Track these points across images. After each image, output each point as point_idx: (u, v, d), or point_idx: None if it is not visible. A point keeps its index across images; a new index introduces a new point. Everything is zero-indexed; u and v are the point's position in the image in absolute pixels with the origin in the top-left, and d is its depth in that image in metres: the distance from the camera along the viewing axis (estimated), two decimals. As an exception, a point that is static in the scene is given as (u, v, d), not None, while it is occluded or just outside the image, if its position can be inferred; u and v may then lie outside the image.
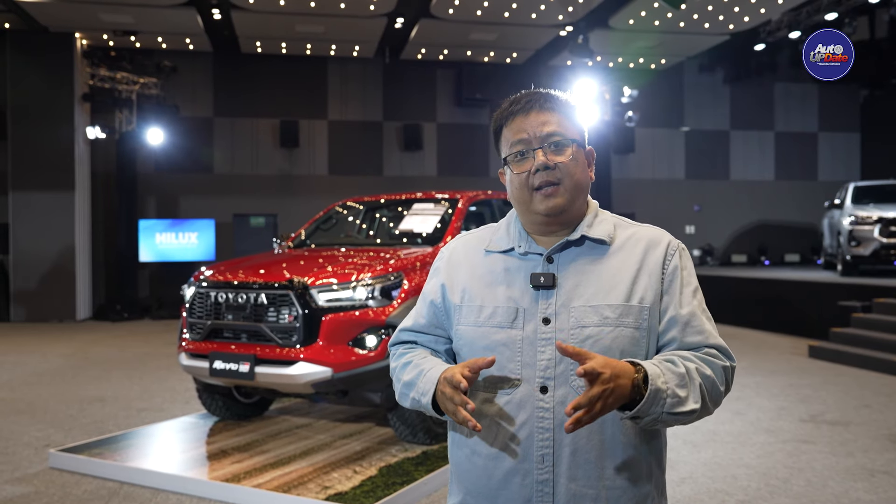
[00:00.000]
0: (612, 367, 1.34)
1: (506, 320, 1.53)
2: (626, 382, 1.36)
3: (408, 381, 1.60)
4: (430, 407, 1.53)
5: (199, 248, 15.22)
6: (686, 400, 1.40)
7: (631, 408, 1.38)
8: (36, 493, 4.32)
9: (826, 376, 7.83)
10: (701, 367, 1.47)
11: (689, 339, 1.51)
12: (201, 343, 5.06)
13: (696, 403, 1.42)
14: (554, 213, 1.54)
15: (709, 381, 1.46)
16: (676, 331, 1.51)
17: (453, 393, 1.43)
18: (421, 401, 1.54)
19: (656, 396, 1.37)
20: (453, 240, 1.75)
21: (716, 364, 1.49)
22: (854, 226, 11.31)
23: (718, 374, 1.49)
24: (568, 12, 13.39)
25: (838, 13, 12.01)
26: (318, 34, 14.71)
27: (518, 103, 1.59)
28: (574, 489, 1.47)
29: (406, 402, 1.61)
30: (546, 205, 1.53)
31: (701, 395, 1.43)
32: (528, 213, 1.58)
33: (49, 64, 13.91)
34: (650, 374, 1.38)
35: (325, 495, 4.01)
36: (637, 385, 1.37)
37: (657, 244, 1.57)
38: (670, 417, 1.40)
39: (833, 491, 4.31)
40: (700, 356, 1.49)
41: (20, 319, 13.82)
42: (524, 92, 1.62)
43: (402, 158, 16.84)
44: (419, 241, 5.80)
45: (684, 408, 1.40)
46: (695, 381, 1.43)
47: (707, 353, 1.50)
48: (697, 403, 1.42)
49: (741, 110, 18.30)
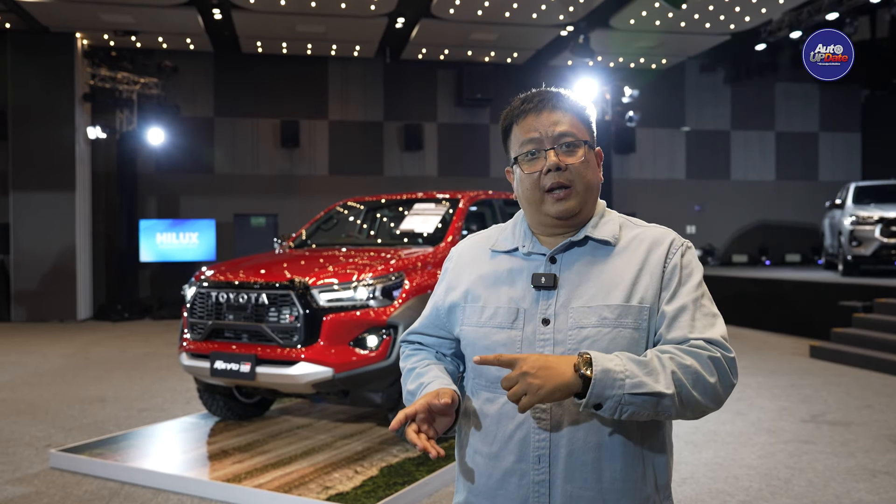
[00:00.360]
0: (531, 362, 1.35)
1: (506, 321, 1.53)
2: (564, 370, 1.34)
3: (410, 390, 1.62)
4: None
5: (199, 248, 15.22)
6: (649, 383, 1.34)
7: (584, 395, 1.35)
8: (37, 493, 4.32)
9: (827, 376, 7.83)
10: (677, 356, 1.40)
11: (672, 335, 1.45)
12: (202, 343, 5.06)
13: (668, 389, 1.35)
14: (566, 216, 1.53)
15: (689, 371, 1.38)
16: (663, 327, 1.47)
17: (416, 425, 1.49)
18: None
19: (606, 377, 1.33)
20: (463, 240, 1.74)
21: (699, 354, 1.41)
22: (855, 226, 11.31)
23: (704, 363, 1.40)
24: (569, 12, 13.38)
25: (839, 13, 11.99)
26: (318, 34, 14.71)
27: (530, 101, 1.57)
28: (570, 490, 1.47)
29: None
30: (558, 208, 1.53)
31: (674, 382, 1.36)
32: (537, 213, 1.57)
33: (50, 64, 13.91)
34: (594, 358, 1.35)
35: (327, 495, 4.01)
36: (578, 368, 1.34)
37: (660, 243, 1.55)
38: (638, 400, 1.34)
39: (834, 491, 4.30)
40: (680, 348, 1.42)
41: (21, 319, 13.82)
42: (535, 90, 1.60)
43: (403, 158, 16.84)
44: (420, 241, 5.80)
45: (649, 389, 1.34)
46: (665, 368, 1.37)
47: (691, 345, 1.43)
48: (669, 389, 1.35)
49: (742, 110, 18.30)
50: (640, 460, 1.50)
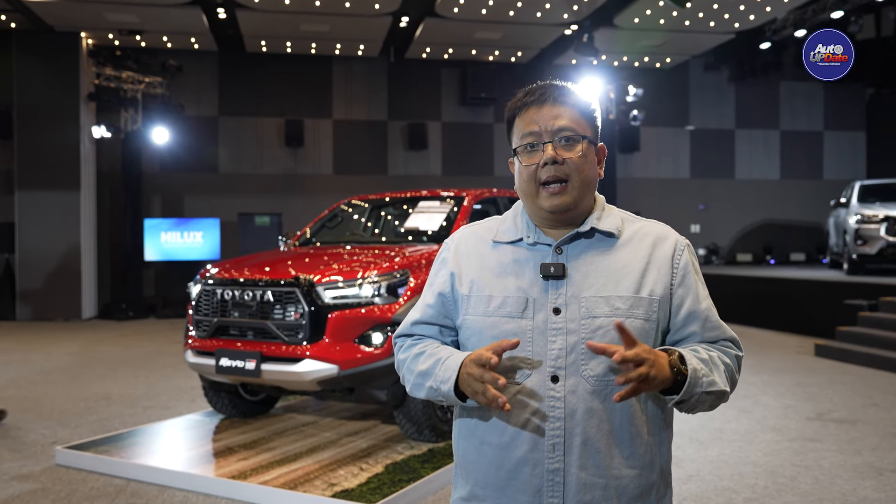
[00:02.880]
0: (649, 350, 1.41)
1: (516, 310, 1.54)
2: (664, 363, 1.42)
3: (423, 370, 1.58)
4: (452, 393, 1.51)
5: (204, 247, 15.24)
6: (718, 382, 1.48)
7: (676, 391, 1.44)
8: (43, 489, 4.33)
9: (832, 375, 7.81)
10: (721, 355, 1.55)
11: (709, 334, 1.57)
12: (207, 340, 5.06)
13: (725, 385, 1.50)
14: (559, 210, 1.54)
15: (729, 368, 1.55)
16: (697, 325, 1.56)
17: (482, 372, 1.43)
18: (441, 388, 1.53)
19: (696, 375, 1.44)
20: (458, 231, 1.74)
21: (731, 353, 1.58)
22: (860, 224, 11.28)
23: (734, 362, 1.58)
24: (573, 11, 13.37)
25: (844, 11, 11.96)
26: (323, 33, 14.72)
27: (533, 94, 1.58)
28: (584, 478, 1.48)
29: (421, 392, 1.60)
30: (552, 202, 1.54)
31: (726, 378, 1.52)
32: (533, 206, 1.58)
33: (55, 63, 13.93)
34: (685, 356, 1.46)
35: (332, 492, 4.01)
36: (674, 365, 1.43)
37: (665, 239, 1.59)
38: (707, 398, 1.47)
39: (840, 489, 4.29)
40: (718, 347, 1.58)
41: (26, 318, 13.86)
42: (540, 83, 1.61)
43: (407, 157, 16.84)
44: (425, 238, 5.80)
45: (717, 387, 1.47)
46: (719, 367, 1.51)
47: (724, 344, 1.59)
48: (726, 386, 1.50)
49: (746, 109, 18.26)
50: (647, 447, 1.53)
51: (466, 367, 1.47)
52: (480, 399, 1.44)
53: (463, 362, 1.49)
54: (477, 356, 1.44)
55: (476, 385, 1.44)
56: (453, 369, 1.51)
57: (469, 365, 1.46)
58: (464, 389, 1.49)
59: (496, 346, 1.44)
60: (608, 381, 1.48)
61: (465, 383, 1.48)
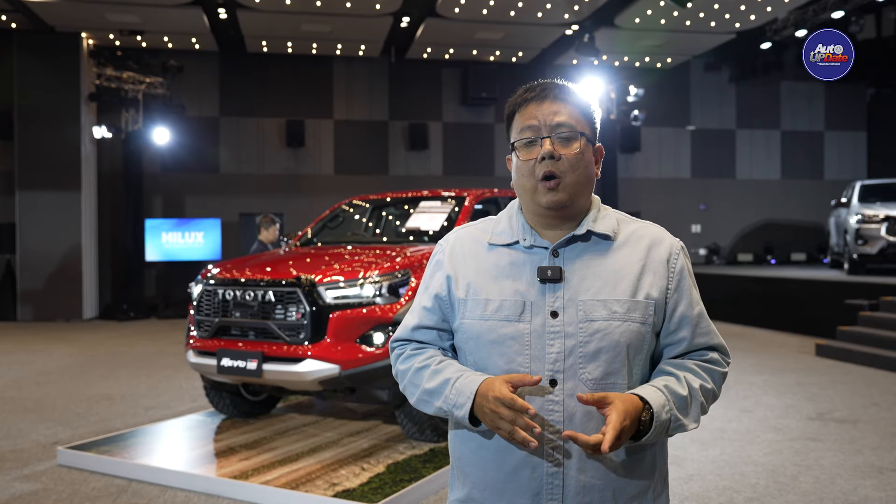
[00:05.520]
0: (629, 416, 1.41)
1: (513, 314, 1.53)
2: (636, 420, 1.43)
3: (431, 388, 1.56)
4: (467, 420, 1.49)
5: (205, 247, 15.25)
6: (687, 424, 1.51)
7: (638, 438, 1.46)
8: (45, 490, 4.33)
9: (833, 374, 7.81)
10: (704, 382, 1.56)
11: (698, 340, 1.58)
12: (209, 340, 5.07)
13: (695, 423, 1.53)
14: (555, 206, 1.54)
15: (709, 394, 1.57)
16: (687, 331, 1.56)
17: (514, 416, 1.40)
18: (454, 413, 1.50)
19: (659, 429, 1.46)
20: (452, 232, 1.72)
21: (716, 373, 1.59)
22: (861, 224, 11.29)
23: (717, 382, 1.60)
24: (574, 11, 13.37)
25: (844, 11, 11.95)
26: (323, 33, 14.72)
27: (533, 91, 1.58)
28: (583, 481, 1.48)
29: (428, 409, 1.57)
30: (548, 198, 1.53)
31: (700, 412, 1.54)
32: (531, 202, 1.57)
33: (55, 64, 13.95)
34: (655, 411, 1.45)
35: (333, 492, 4.01)
36: (643, 422, 1.45)
37: (660, 242, 1.59)
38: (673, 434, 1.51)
39: (841, 488, 4.30)
40: (703, 366, 1.58)
41: (27, 319, 13.87)
42: (541, 80, 1.62)
43: (408, 158, 16.84)
44: (426, 238, 5.81)
45: (685, 430, 1.51)
46: (696, 402, 1.53)
47: (711, 359, 1.59)
48: (696, 423, 1.53)
49: (747, 109, 18.26)
50: (644, 449, 1.54)
51: (490, 403, 1.43)
52: (504, 436, 1.43)
53: (478, 391, 1.47)
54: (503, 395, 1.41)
55: (503, 424, 1.42)
56: (468, 396, 1.48)
57: (493, 402, 1.43)
58: (482, 420, 1.47)
59: (516, 380, 1.43)
60: (606, 385, 1.48)
61: (485, 416, 1.45)
